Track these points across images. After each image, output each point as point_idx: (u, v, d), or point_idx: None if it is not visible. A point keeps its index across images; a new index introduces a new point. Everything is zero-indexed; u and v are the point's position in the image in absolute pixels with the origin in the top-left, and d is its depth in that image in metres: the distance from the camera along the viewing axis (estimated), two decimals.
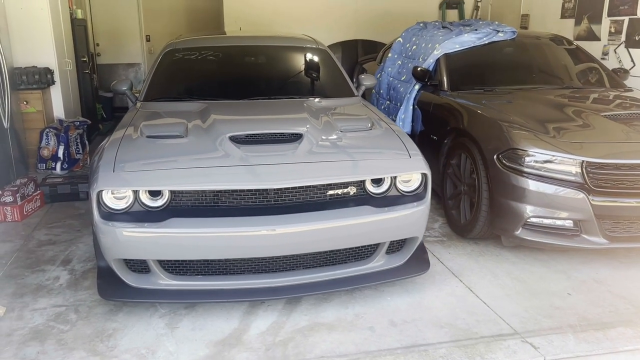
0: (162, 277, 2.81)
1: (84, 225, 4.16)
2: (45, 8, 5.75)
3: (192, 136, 3.11)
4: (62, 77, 6.07)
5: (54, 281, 3.27)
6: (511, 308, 2.98)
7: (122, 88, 4.09)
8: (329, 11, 8.62)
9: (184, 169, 2.78)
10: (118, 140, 3.08)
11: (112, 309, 2.94)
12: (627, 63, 5.76)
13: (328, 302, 3.03)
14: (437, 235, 4.01)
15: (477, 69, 4.92)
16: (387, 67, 5.75)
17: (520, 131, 3.47)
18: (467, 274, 3.38)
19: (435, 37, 5.07)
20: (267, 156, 2.89)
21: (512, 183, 3.37)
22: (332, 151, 3.04)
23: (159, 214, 2.71)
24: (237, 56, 4.55)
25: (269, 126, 3.25)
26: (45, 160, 5.52)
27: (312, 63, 4.56)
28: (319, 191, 2.85)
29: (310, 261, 2.93)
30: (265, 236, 2.68)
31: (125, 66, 9.79)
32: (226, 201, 2.76)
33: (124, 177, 2.72)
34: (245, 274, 2.87)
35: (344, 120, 3.45)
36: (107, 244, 2.70)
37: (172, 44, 4.52)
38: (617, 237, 3.32)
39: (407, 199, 2.98)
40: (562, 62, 5.09)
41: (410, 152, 3.06)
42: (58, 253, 3.68)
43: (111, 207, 2.71)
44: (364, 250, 3.02)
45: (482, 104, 4.06)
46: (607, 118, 3.66)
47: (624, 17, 5.81)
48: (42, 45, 5.81)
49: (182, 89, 4.25)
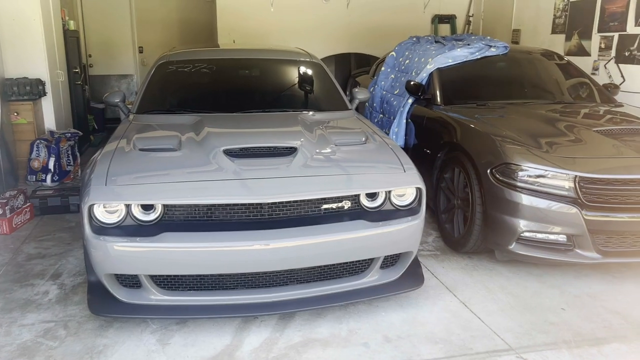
0: (154, 292, 2.77)
1: (75, 239, 4.11)
2: (37, 19, 5.73)
3: (185, 149, 3.09)
4: (53, 88, 6.03)
5: (43, 296, 3.22)
6: (505, 323, 2.97)
7: (115, 100, 4.06)
8: (322, 24, 8.68)
9: (177, 183, 2.75)
10: (110, 153, 3.05)
11: (103, 324, 2.89)
12: (617, 78, 5.82)
13: (322, 317, 3.00)
14: (431, 249, 4.00)
15: (469, 84, 4.95)
16: (381, 81, 5.77)
17: (514, 146, 3.49)
18: (461, 288, 3.37)
19: (428, 52, 5.10)
20: (261, 170, 2.87)
21: (505, 197, 3.38)
22: (327, 165, 3.03)
23: (152, 228, 2.68)
24: (231, 69, 4.54)
25: (263, 139, 3.24)
26: (35, 172, 5.47)
27: (306, 76, 4.57)
28: (313, 205, 2.83)
29: (304, 276, 2.90)
30: (258, 251, 2.65)
31: (117, 77, 9.77)
32: (219, 215, 2.73)
33: (116, 190, 2.69)
34: (238, 289, 2.84)
35: (338, 134, 3.45)
36: (98, 259, 2.66)
37: (166, 56, 4.51)
38: (610, 251, 3.33)
39: (401, 213, 2.97)
40: (554, 77, 5.13)
41: (404, 166, 3.06)
42: (47, 267, 3.62)
43: (103, 221, 2.68)
44: (358, 265, 3.00)
45: (475, 118, 4.07)
46: (599, 133, 3.69)
47: (614, 33, 5.88)
48: (34, 56, 5.79)
49: (176, 102, 4.24)
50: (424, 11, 9.05)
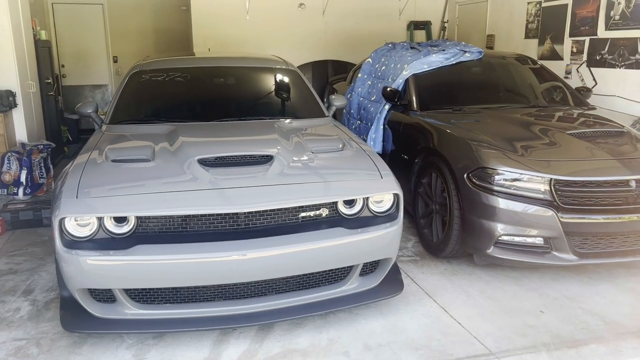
0: (129, 306, 2.70)
1: (47, 253, 4.01)
2: (7, 29, 5.61)
3: (159, 159, 3.03)
4: (25, 100, 5.91)
5: (15, 313, 3.12)
6: (485, 328, 2.97)
7: (87, 110, 3.98)
8: (298, 32, 8.69)
9: (151, 194, 2.70)
10: (82, 164, 2.98)
11: (77, 341, 2.81)
12: (589, 82, 5.92)
13: (302, 327, 2.97)
14: (410, 254, 3.99)
15: (445, 89, 4.98)
16: (357, 87, 5.78)
17: (489, 150, 3.51)
18: (441, 293, 3.37)
19: (403, 58, 5.13)
20: (237, 179, 2.83)
21: (482, 202, 3.39)
22: (304, 173, 3.01)
23: (125, 241, 2.62)
24: (206, 77, 4.50)
25: (239, 148, 3.20)
26: (6, 185, 5.34)
27: (282, 84, 4.55)
28: (291, 214, 2.80)
29: (283, 286, 2.87)
30: (236, 261, 2.61)
31: (91, 88, 9.62)
32: (195, 226, 2.68)
33: (87, 203, 2.62)
34: (216, 301, 2.79)
35: (315, 141, 3.43)
36: (70, 274, 2.59)
37: (139, 65, 4.45)
38: (586, 253, 3.36)
39: (379, 219, 2.96)
40: (528, 81, 5.20)
41: (381, 172, 3.05)
42: (19, 283, 3.52)
43: (74, 234, 2.61)
44: (338, 273, 2.98)
45: (451, 123, 4.09)
46: (572, 136, 3.73)
47: (585, 37, 5.99)
48: (4, 67, 5.66)
49: (150, 111, 4.17)
50: (400, 18, 9.12)
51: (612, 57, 5.63)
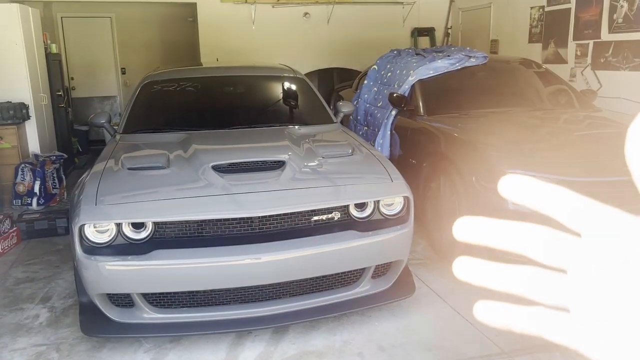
0: (147, 310, 2.76)
1: (63, 261, 4.08)
2: (19, 43, 5.72)
3: (174, 167, 3.10)
4: (37, 112, 6.01)
5: (34, 319, 3.19)
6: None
7: (101, 121, 4.06)
8: (304, 41, 8.78)
9: (167, 200, 2.76)
10: (99, 173, 3.05)
11: (95, 345, 2.87)
12: (594, 84, 5.96)
13: (316, 329, 3.01)
14: (421, 257, 4.03)
15: (451, 94, 5.04)
16: (364, 94, 5.85)
17: (497, 152, 3.55)
18: (452, 295, 3.40)
19: (409, 64, 5.19)
20: (250, 184, 2.89)
21: (491, 203, 3.43)
22: (315, 177, 3.07)
23: (143, 246, 2.68)
24: (216, 86, 4.58)
25: (251, 154, 3.27)
26: (21, 196, 5.42)
27: (291, 91, 4.62)
28: (303, 218, 2.86)
29: (297, 289, 2.92)
30: (250, 265, 2.67)
31: (100, 99, 9.74)
32: (210, 231, 2.75)
33: (106, 210, 2.69)
34: (232, 304, 2.84)
35: (325, 147, 3.49)
36: (89, 279, 2.66)
37: (150, 76, 4.54)
38: None
39: (390, 222, 3.01)
40: (533, 85, 5.25)
41: (392, 176, 3.11)
42: (37, 290, 3.59)
43: (93, 241, 2.67)
44: (350, 276, 3.03)
45: (458, 127, 4.15)
46: (579, 138, 3.78)
47: (589, 40, 6.04)
48: (17, 80, 5.77)
49: (162, 120, 4.25)
50: (404, 25, 9.20)
51: (617, 59, 5.67)
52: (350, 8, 8.84)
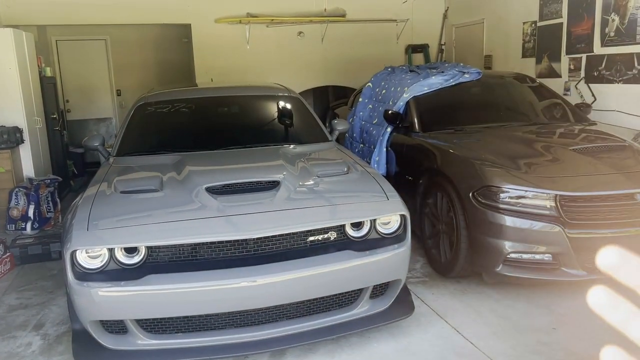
0: (141, 336, 2.70)
1: (57, 287, 4.02)
2: (13, 67, 5.73)
3: (167, 189, 3.07)
4: (31, 136, 5.99)
5: (26, 348, 3.12)
6: (498, 346, 2.95)
7: (94, 144, 4.04)
8: (298, 59, 8.82)
9: (160, 224, 2.72)
10: (91, 197, 3.01)
11: None
12: (588, 98, 5.98)
13: (314, 352, 2.96)
14: (419, 275, 3.99)
15: (446, 110, 5.04)
16: (359, 112, 5.85)
17: (493, 168, 3.53)
18: (452, 313, 3.35)
19: (403, 81, 5.20)
20: (245, 205, 2.86)
21: (489, 220, 3.41)
22: (310, 197, 3.04)
23: (136, 271, 2.64)
24: (210, 107, 4.57)
25: (245, 175, 3.24)
26: (15, 220, 5.37)
27: (285, 110, 4.61)
28: (299, 238, 2.82)
29: (294, 311, 2.87)
30: (246, 288, 2.62)
31: (96, 121, 9.74)
32: (204, 254, 2.70)
33: (98, 235, 2.65)
34: (227, 329, 2.79)
35: (320, 166, 3.46)
36: (82, 306, 2.60)
37: (144, 97, 4.52)
38: (595, 268, 3.34)
39: (387, 241, 2.97)
40: (527, 100, 5.25)
41: (387, 194, 3.08)
42: (30, 317, 3.53)
43: (86, 266, 2.63)
44: (348, 297, 2.98)
45: (453, 143, 4.13)
46: (575, 152, 3.76)
47: (582, 54, 6.07)
48: (11, 104, 5.76)
49: (156, 142, 4.22)
50: (397, 42, 9.26)
51: (610, 72, 5.69)
52: (344, 26, 8.90)
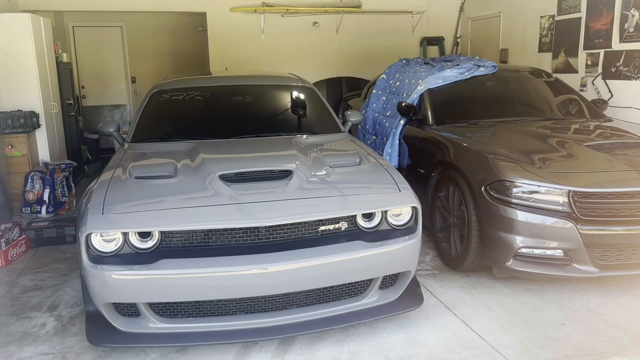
0: (153, 320, 2.75)
1: (71, 269, 4.08)
2: (30, 52, 5.78)
3: (181, 176, 3.10)
4: (47, 121, 6.06)
5: (40, 328, 3.18)
6: (506, 340, 2.96)
7: (109, 130, 4.09)
8: (313, 50, 8.81)
9: (174, 209, 2.76)
10: (106, 182, 3.05)
11: (102, 354, 2.86)
12: (604, 94, 5.91)
13: (322, 340, 2.98)
14: (429, 268, 4.00)
15: (460, 103, 5.01)
16: (372, 103, 5.84)
17: (507, 163, 3.52)
18: (461, 306, 3.36)
19: (418, 73, 5.18)
20: (258, 194, 2.88)
21: (500, 214, 3.40)
22: (322, 187, 3.05)
23: (149, 255, 2.68)
24: (225, 96, 4.59)
25: (259, 164, 3.26)
26: (30, 204, 5.45)
27: (299, 101, 4.62)
28: (310, 227, 2.84)
29: (303, 299, 2.89)
30: (257, 275, 2.64)
31: (110, 108, 9.82)
32: (217, 240, 2.73)
33: (113, 219, 2.69)
34: (238, 315, 2.82)
35: (332, 156, 3.47)
36: (96, 288, 2.65)
37: (159, 85, 4.55)
38: (607, 265, 3.34)
39: (398, 232, 2.98)
40: (543, 95, 5.21)
41: (399, 186, 3.08)
42: (44, 299, 3.59)
43: (100, 250, 2.67)
44: (358, 287, 3.00)
45: (467, 137, 4.12)
46: (590, 148, 3.73)
47: (600, 50, 6.00)
48: (28, 89, 5.82)
49: (170, 130, 4.26)
50: (413, 34, 9.21)
51: (628, 69, 5.63)
52: (359, 17, 8.86)
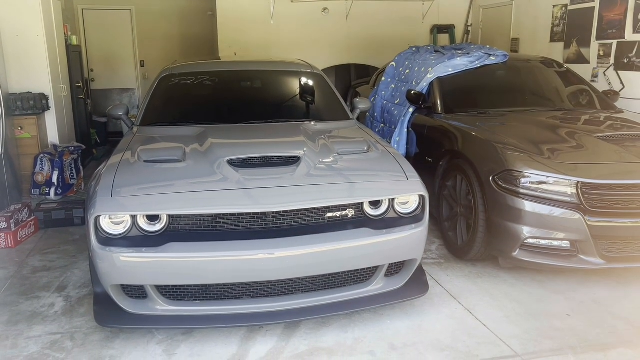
0: (160, 302, 2.78)
1: (79, 251, 4.13)
2: (40, 35, 5.79)
3: (190, 160, 3.11)
4: (56, 103, 6.08)
5: (49, 308, 3.22)
6: (511, 330, 2.97)
7: (119, 113, 4.10)
8: (322, 36, 8.76)
9: (182, 193, 2.77)
10: (115, 165, 3.07)
11: (109, 335, 2.90)
12: (616, 85, 5.86)
13: (327, 326, 3.01)
14: (435, 257, 4.00)
15: (470, 92, 4.98)
16: (381, 91, 5.81)
17: (515, 153, 3.51)
18: (466, 296, 3.37)
19: (428, 61, 5.14)
20: (265, 179, 2.89)
21: (508, 204, 3.39)
22: (330, 174, 3.05)
23: (157, 238, 2.70)
24: (233, 81, 4.58)
25: (267, 149, 3.27)
26: (39, 185, 5.50)
27: (307, 87, 4.61)
28: (317, 214, 2.85)
29: (309, 285, 2.91)
30: (263, 260, 2.66)
31: (119, 91, 9.84)
32: (224, 225, 2.75)
33: (121, 202, 2.71)
34: (244, 299, 2.85)
35: (340, 143, 3.47)
36: (104, 270, 2.68)
37: (168, 69, 4.55)
38: (613, 257, 3.33)
39: (405, 220, 2.99)
40: (553, 85, 5.17)
41: (407, 174, 3.08)
42: (53, 279, 3.63)
43: (109, 232, 2.69)
44: (363, 273, 3.01)
45: (476, 126, 4.10)
46: (600, 139, 3.71)
47: (612, 40, 5.93)
48: (38, 71, 5.83)
49: (179, 114, 4.26)
50: (423, 22, 9.13)
51: None
52: (370, 4, 8.79)
